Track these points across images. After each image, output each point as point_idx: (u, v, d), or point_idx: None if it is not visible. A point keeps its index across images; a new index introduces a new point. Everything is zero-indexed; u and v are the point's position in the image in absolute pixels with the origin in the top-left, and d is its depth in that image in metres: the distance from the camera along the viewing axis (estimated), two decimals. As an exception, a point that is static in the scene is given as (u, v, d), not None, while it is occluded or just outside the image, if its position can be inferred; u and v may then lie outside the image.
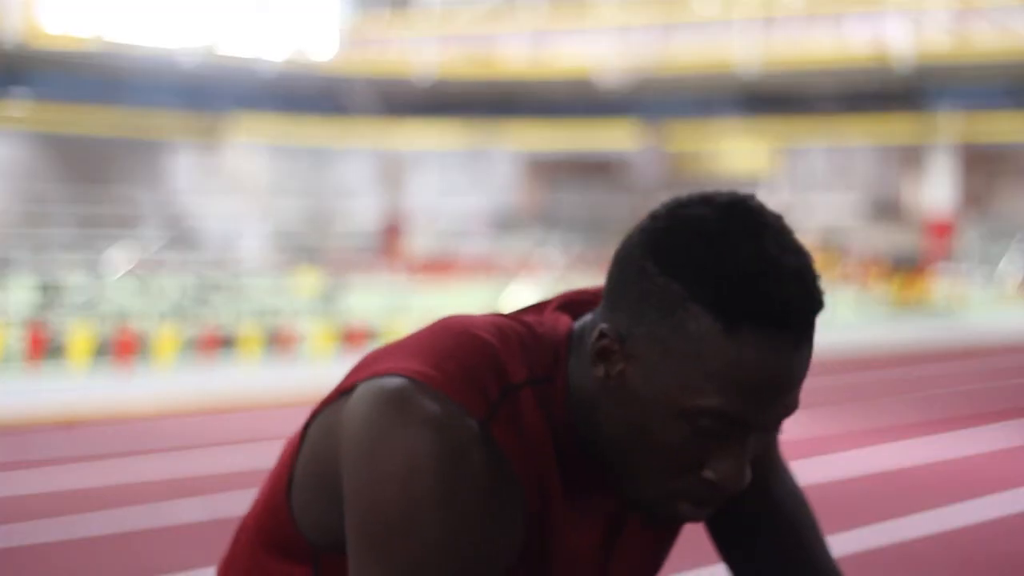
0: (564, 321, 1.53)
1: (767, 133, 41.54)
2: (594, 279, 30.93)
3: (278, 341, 16.93)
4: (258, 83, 40.83)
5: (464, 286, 31.19)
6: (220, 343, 16.46)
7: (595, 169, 45.80)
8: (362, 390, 1.45)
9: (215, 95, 40.56)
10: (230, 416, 11.77)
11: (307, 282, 27.23)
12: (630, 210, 43.24)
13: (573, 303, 1.58)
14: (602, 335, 1.44)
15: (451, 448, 1.39)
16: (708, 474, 1.42)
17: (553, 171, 46.73)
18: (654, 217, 1.47)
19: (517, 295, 23.98)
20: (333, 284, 25.30)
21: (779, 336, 1.38)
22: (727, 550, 1.68)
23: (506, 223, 44.98)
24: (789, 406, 1.41)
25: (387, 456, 1.39)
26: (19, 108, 38.21)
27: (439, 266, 39.11)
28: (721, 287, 1.38)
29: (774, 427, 1.42)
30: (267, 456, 9.49)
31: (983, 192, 41.18)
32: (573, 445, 1.48)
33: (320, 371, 15.16)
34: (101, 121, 39.49)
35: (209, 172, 42.73)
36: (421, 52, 43.15)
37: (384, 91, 42.79)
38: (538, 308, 1.58)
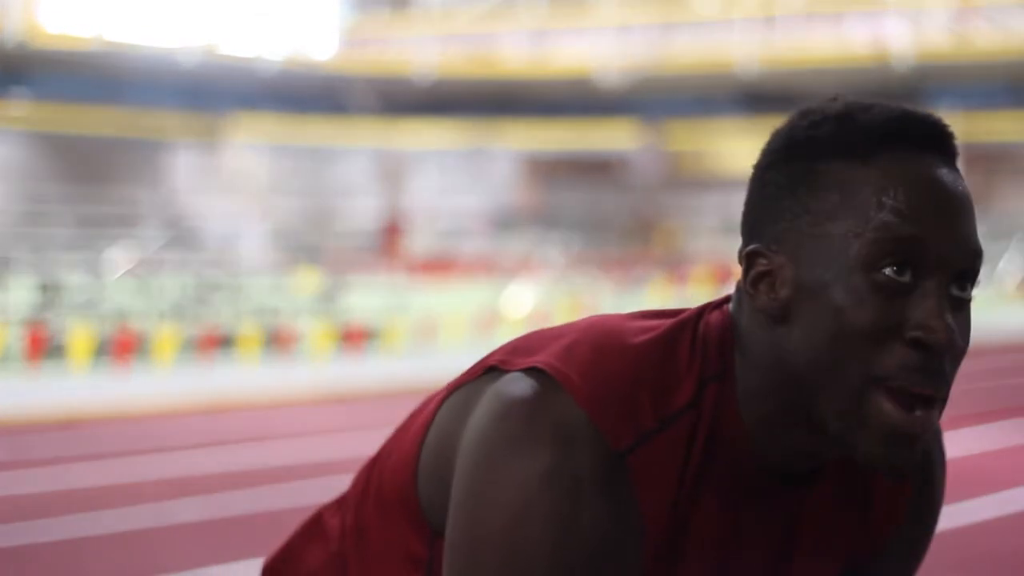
0: (722, 310, 1.41)
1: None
2: (594, 279, 30.92)
3: (278, 341, 16.93)
4: (258, 83, 40.83)
5: (464, 286, 31.19)
6: (219, 343, 16.47)
7: (595, 169, 45.80)
8: (499, 387, 1.34)
9: (215, 95, 40.56)
10: (230, 416, 11.77)
11: (307, 282, 27.23)
12: (630, 210, 43.23)
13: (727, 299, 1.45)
14: (749, 259, 1.34)
15: (569, 486, 1.27)
16: (909, 332, 1.27)
17: (553, 171, 46.73)
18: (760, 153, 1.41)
19: (517, 295, 23.98)
20: (333, 284, 25.29)
21: (918, 153, 1.31)
22: None
23: (506, 223, 44.97)
24: (964, 232, 1.30)
25: (501, 482, 1.29)
26: (19, 108, 38.21)
27: (439, 266, 39.11)
28: (840, 133, 1.32)
29: (959, 257, 1.29)
30: (266, 456, 9.50)
31: (983, 191, 41.18)
32: (745, 455, 1.35)
33: (319, 371, 15.17)
34: (101, 121, 39.49)
35: (209, 172, 42.73)
36: (421, 52, 43.15)
37: (384, 91, 42.80)
38: (710, 305, 1.44)
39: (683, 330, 1.38)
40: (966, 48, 36.95)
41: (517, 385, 1.32)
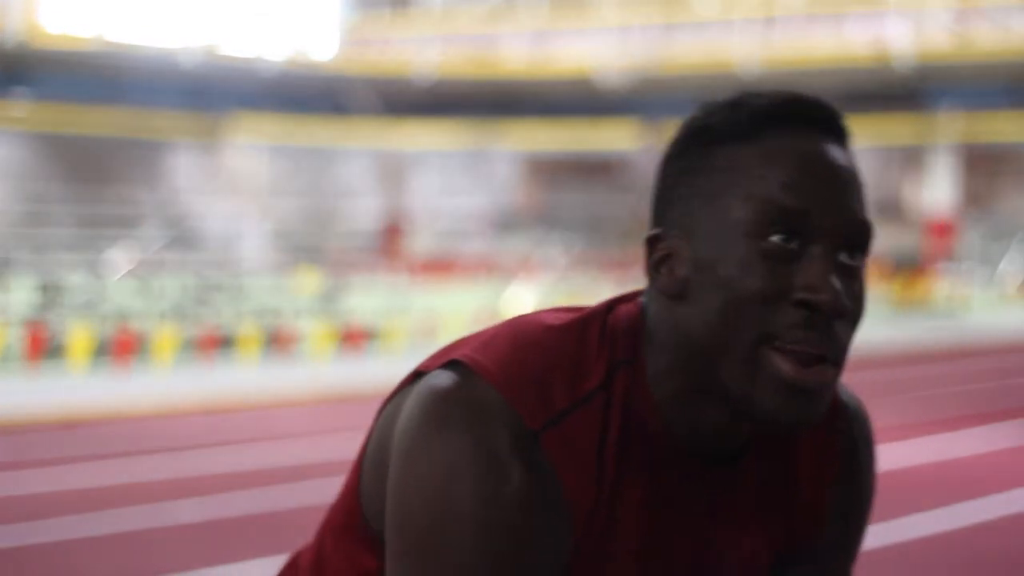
0: (633, 301, 1.47)
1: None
2: (594, 279, 30.92)
3: (277, 341, 16.93)
4: (258, 83, 40.84)
5: (464, 286, 31.19)
6: (220, 343, 16.47)
7: (595, 169, 45.80)
8: (418, 389, 1.41)
9: (216, 95, 40.57)
10: (230, 416, 11.76)
11: (307, 282, 27.23)
12: (630, 210, 43.24)
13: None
14: (650, 244, 1.40)
15: (489, 460, 1.34)
16: (796, 294, 1.32)
17: (553, 171, 46.73)
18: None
19: (517, 295, 23.97)
20: (333, 284, 25.30)
21: (803, 129, 1.37)
22: None
23: (506, 223, 44.97)
24: (853, 207, 1.36)
25: (425, 461, 1.36)
26: (19, 108, 38.21)
27: (439, 266, 39.11)
28: (732, 114, 1.37)
29: (844, 229, 1.35)
30: (266, 456, 9.49)
31: (984, 192, 41.18)
32: (664, 437, 1.41)
33: (319, 371, 15.16)
34: (101, 121, 39.49)
35: (209, 172, 42.73)
36: (421, 52, 43.16)
37: (384, 91, 42.80)
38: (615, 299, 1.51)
39: (592, 320, 1.44)
40: (967, 49, 36.95)
41: (438, 378, 1.39)
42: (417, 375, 1.45)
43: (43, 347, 15.26)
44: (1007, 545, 7.15)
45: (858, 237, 1.36)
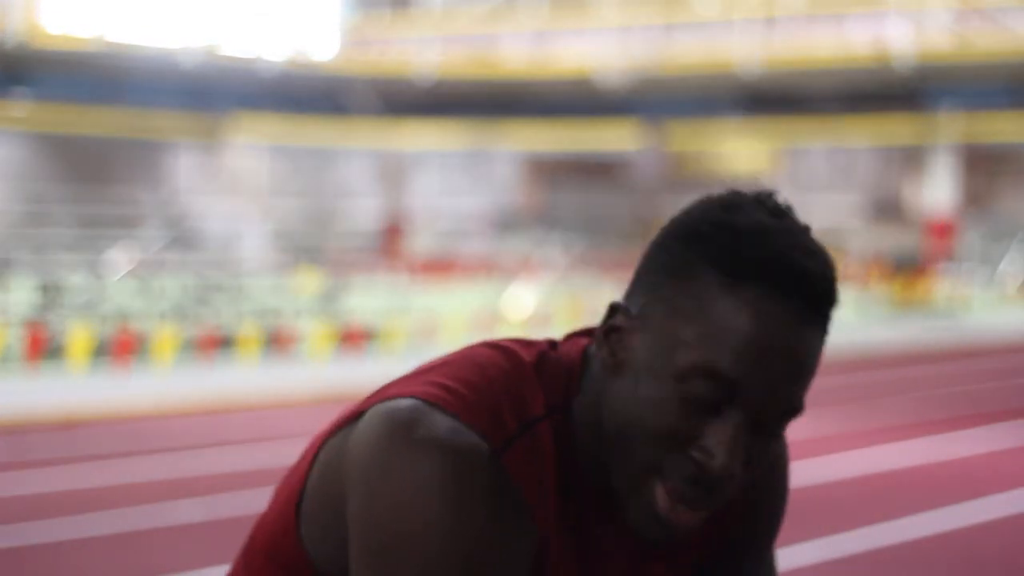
0: (581, 343, 1.49)
1: (768, 133, 41.54)
2: (595, 280, 30.91)
3: (278, 341, 16.93)
4: (259, 83, 40.83)
5: (464, 286, 31.18)
6: (220, 343, 16.46)
7: (596, 169, 45.79)
8: (372, 412, 1.42)
9: (216, 95, 40.56)
10: (229, 416, 11.77)
11: (307, 282, 27.23)
12: (630, 210, 43.22)
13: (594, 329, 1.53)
14: (612, 311, 1.42)
15: (458, 472, 1.36)
16: (694, 451, 1.35)
17: (554, 171, 46.72)
18: (683, 208, 1.45)
19: (517, 295, 23.97)
20: (333, 284, 25.30)
21: (784, 302, 1.33)
22: None
23: (507, 223, 44.96)
24: (789, 393, 1.35)
25: (392, 478, 1.37)
26: (19, 108, 38.21)
27: (439, 266, 39.11)
28: (734, 244, 1.35)
29: (771, 412, 1.36)
30: (266, 456, 9.49)
31: (984, 192, 41.17)
32: (588, 481, 1.44)
33: (319, 371, 15.16)
34: (101, 121, 39.49)
35: (210, 172, 42.73)
36: (422, 52, 43.15)
37: (384, 91, 42.79)
38: (569, 335, 1.54)
39: (532, 357, 1.47)
40: (967, 49, 36.94)
41: (396, 404, 1.41)
42: (357, 415, 1.46)
43: (43, 347, 15.26)
44: (1007, 545, 7.15)
45: (783, 417, 1.37)
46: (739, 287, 1.34)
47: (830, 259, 1.38)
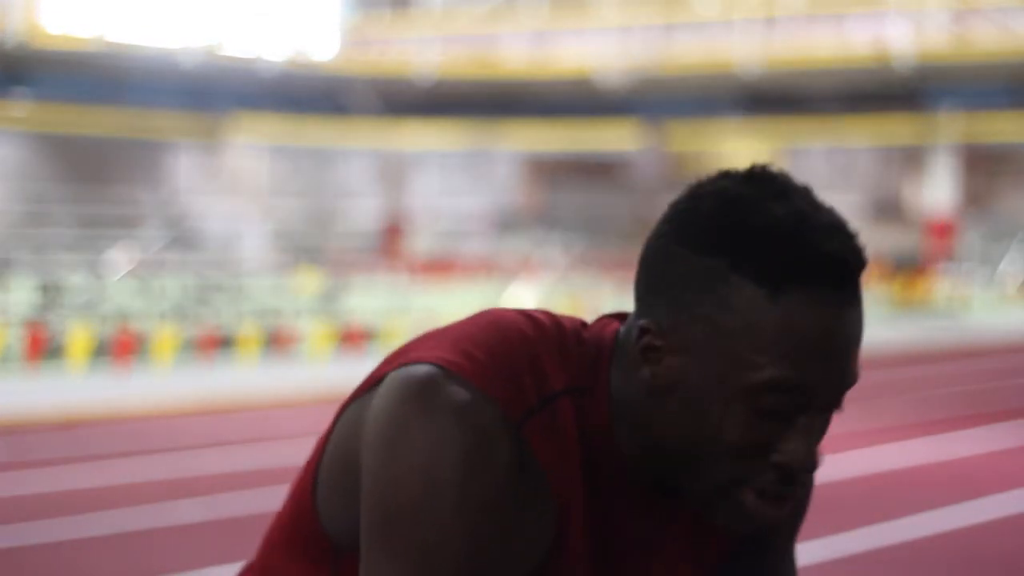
0: (612, 327, 1.46)
1: (768, 133, 41.54)
2: (595, 280, 30.91)
3: (278, 341, 16.93)
4: (259, 83, 40.83)
5: (465, 286, 31.18)
6: (220, 343, 16.46)
7: (596, 169, 45.79)
8: (389, 379, 1.40)
9: (216, 95, 40.56)
10: (229, 416, 11.77)
11: (307, 282, 27.23)
12: (630, 210, 43.23)
13: (626, 314, 1.50)
14: (643, 331, 1.38)
15: (476, 439, 1.34)
16: (776, 456, 1.35)
17: (554, 171, 46.72)
18: (675, 204, 1.41)
19: (517, 295, 23.97)
20: (333, 284, 25.30)
21: (827, 294, 1.33)
22: None
23: (507, 223, 44.96)
24: (849, 373, 1.36)
25: (408, 444, 1.35)
26: (19, 108, 38.21)
27: (439, 266, 39.10)
28: (760, 251, 1.33)
29: (837, 398, 1.36)
30: (266, 456, 9.49)
31: (984, 192, 41.17)
32: (612, 462, 1.42)
33: (319, 371, 15.16)
34: (101, 121, 39.49)
35: (210, 172, 42.73)
36: (422, 52, 43.15)
37: (384, 91, 42.79)
38: (601, 317, 1.51)
39: (564, 329, 1.45)
40: (967, 49, 36.94)
41: (412, 371, 1.39)
42: (377, 381, 1.44)
43: (43, 347, 15.26)
44: (1007, 545, 7.15)
45: (844, 393, 1.38)
46: (781, 296, 1.33)
47: (845, 223, 1.37)
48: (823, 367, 1.34)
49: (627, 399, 1.41)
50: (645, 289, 1.40)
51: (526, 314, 1.46)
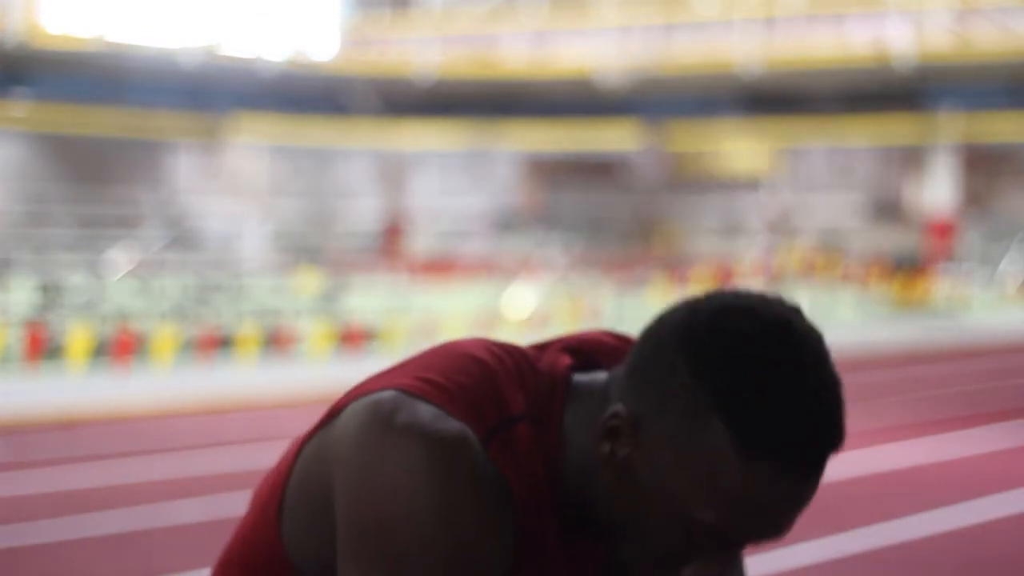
0: (564, 362, 1.49)
1: (768, 133, 41.53)
2: (595, 280, 30.91)
3: (277, 341, 16.93)
4: (259, 83, 40.83)
5: (465, 287, 31.17)
6: (219, 343, 16.46)
7: (596, 169, 45.78)
8: (353, 406, 1.45)
9: (216, 95, 40.56)
10: (229, 416, 11.76)
11: (307, 282, 27.23)
12: (631, 211, 43.24)
13: (578, 347, 1.52)
14: (615, 415, 1.40)
15: (443, 457, 1.37)
16: (686, 573, 1.47)
17: (554, 171, 46.71)
18: (694, 312, 1.41)
19: (517, 295, 23.97)
20: (333, 284, 25.30)
21: (794, 472, 1.36)
22: None
23: (507, 223, 44.96)
24: (787, 530, 1.41)
25: (376, 464, 1.38)
26: (19, 108, 38.21)
27: (439, 267, 39.10)
28: (748, 411, 1.35)
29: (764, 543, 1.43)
30: (266, 456, 9.49)
31: (984, 192, 41.17)
32: (560, 490, 1.45)
33: (319, 371, 15.16)
34: (101, 121, 39.49)
35: (210, 172, 42.73)
36: (422, 52, 43.16)
37: (384, 91, 42.80)
38: (541, 345, 1.54)
39: (520, 357, 1.48)
40: (967, 49, 36.95)
41: (376, 396, 1.43)
42: (336, 413, 1.48)
43: (43, 347, 15.25)
44: (1007, 545, 7.15)
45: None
46: (752, 458, 1.35)
47: (841, 400, 1.41)
48: (763, 526, 1.38)
49: (579, 443, 1.44)
50: (636, 374, 1.42)
51: (482, 343, 1.50)
